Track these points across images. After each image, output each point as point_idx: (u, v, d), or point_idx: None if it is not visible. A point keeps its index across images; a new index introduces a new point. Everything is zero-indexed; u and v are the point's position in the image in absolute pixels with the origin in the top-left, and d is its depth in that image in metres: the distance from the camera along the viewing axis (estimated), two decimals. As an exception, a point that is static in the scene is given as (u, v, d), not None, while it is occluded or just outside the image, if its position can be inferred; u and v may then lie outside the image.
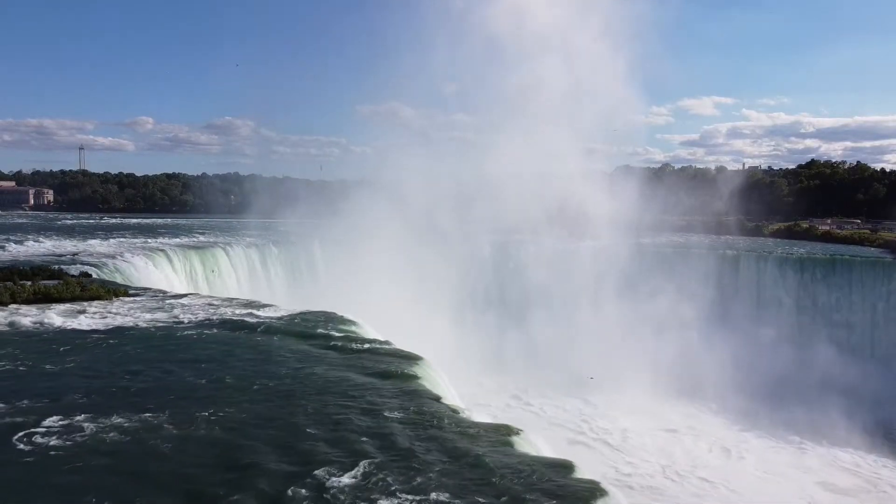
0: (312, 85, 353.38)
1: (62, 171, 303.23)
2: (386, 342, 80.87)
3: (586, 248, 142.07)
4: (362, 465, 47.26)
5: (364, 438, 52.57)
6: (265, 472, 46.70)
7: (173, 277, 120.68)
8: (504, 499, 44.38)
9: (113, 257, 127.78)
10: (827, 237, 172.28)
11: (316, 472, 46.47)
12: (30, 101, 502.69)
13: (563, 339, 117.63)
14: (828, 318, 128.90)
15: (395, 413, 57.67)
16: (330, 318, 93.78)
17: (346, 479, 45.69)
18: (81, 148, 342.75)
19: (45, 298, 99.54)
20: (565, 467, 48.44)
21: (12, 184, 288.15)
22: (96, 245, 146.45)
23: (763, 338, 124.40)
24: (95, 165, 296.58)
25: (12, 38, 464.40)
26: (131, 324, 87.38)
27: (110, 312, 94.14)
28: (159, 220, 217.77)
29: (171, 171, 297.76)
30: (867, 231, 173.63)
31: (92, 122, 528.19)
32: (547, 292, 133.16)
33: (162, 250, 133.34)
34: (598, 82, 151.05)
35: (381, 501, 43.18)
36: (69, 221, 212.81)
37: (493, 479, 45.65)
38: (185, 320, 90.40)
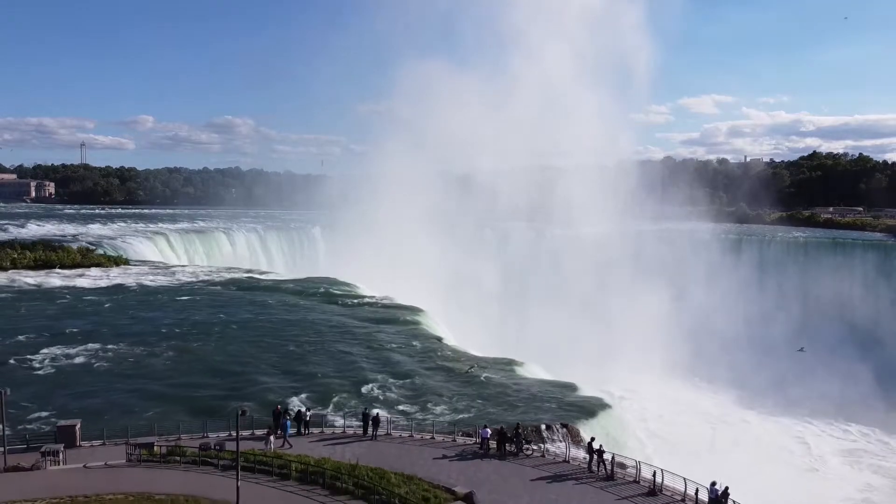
0: (312, 84, 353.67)
1: (63, 165, 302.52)
2: (386, 297, 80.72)
3: (586, 235, 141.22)
4: (370, 384, 47.00)
5: (369, 364, 52.28)
6: (267, 388, 46.48)
7: (172, 258, 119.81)
8: (518, 408, 44.29)
9: (113, 238, 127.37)
10: (829, 224, 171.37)
11: (320, 388, 46.24)
12: (29, 100, 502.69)
13: (563, 325, 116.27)
14: (829, 299, 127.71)
15: (399, 347, 57.46)
16: (330, 281, 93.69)
17: (355, 393, 45.46)
18: (83, 144, 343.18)
19: (45, 265, 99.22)
20: (569, 387, 48.19)
21: (14, 176, 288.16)
22: (97, 229, 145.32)
23: (764, 320, 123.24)
24: (96, 163, 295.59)
25: (11, 37, 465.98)
26: (133, 283, 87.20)
27: (111, 275, 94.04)
28: (160, 211, 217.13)
29: (172, 166, 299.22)
30: (869, 218, 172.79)
31: (92, 121, 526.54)
32: (546, 278, 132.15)
33: (162, 234, 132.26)
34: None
35: (398, 407, 43.02)
36: (70, 211, 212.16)
37: (504, 394, 45.48)
38: (186, 281, 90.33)
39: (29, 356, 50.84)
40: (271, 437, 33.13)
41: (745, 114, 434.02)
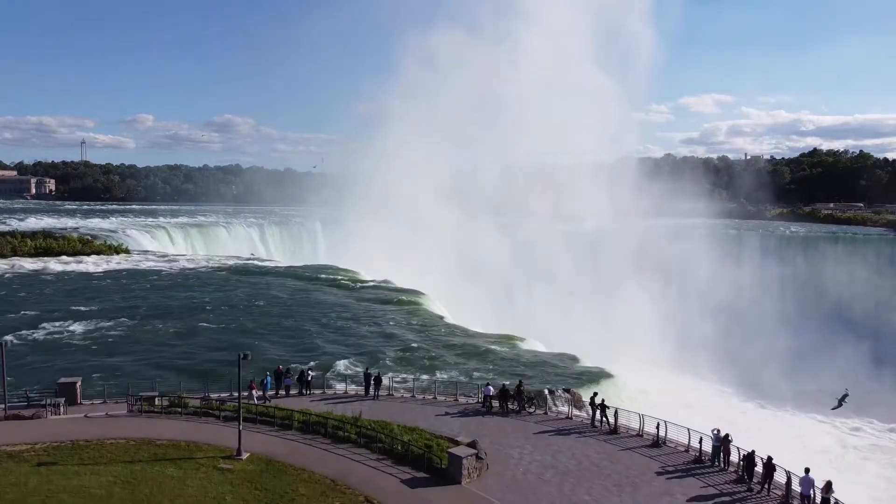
0: (313, 83, 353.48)
1: (64, 162, 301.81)
2: (387, 281, 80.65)
3: (588, 230, 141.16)
4: (373, 354, 46.87)
5: (371, 337, 52.21)
6: (270, 356, 46.25)
7: (172, 250, 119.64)
8: (520, 376, 44.05)
9: (114, 231, 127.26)
10: (830, 219, 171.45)
11: (323, 356, 46.09)
12: (29, 99, 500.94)
13: (562, 320, 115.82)
14: (830, 292, 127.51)
15: (402, 323, 57.34)
16: (331, 267, 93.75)
17: (357, 361, 45.32)
18: (83, 142, 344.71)
19: (45, 252, 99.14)
20: (572, 358, 48.07)
21: (14, 173, 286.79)
22: (97, 222, 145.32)
23: (764, 314, 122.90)
24: (96, 161, 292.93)
25: (11, 35, 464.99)
26: (134, 268, 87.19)
27: (112, 262, 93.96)
28: (161, 207, 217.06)
29: (172, 164, 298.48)
30: (870, 214, 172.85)
31: (92, 120, 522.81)
32: (547, 269, 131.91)
33: (162, 227, 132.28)
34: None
35: (400, 373, 42.78)
36: (71, 207, 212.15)
37: (506, 364, 45.37)
38: (188, 267, 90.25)
39: (30, 331, 50.84)
40: (254, 392, 33.04)
41: (745, 113, 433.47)
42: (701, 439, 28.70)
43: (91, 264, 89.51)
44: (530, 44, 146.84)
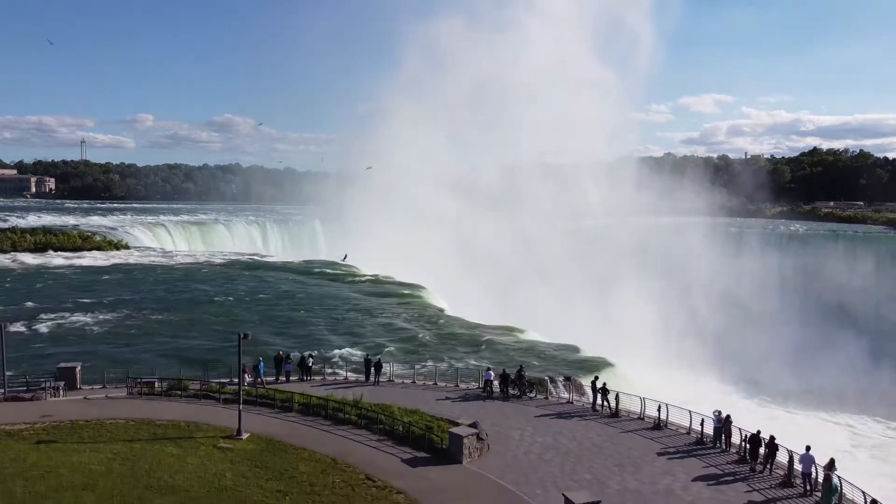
0: (312, 83, 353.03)
1: (64, 161, 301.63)
2: (388, 276, 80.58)
3: (588, 228, 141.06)
4: (374, 343, 46.79)
5: (372, 327, 52.10)
6: (272, 345, 46.11)
7: (171, 246, 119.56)
8: (528, 365, 43.91)
9: (113, 229, 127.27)
10: (830, 217, 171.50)
11: (324, 345, 46.02)
12: (29, 99, 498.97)
13: (563, 311, 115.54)
14: (829, 289, 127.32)
15: (403, 315, 57.19)
16: (331, 263, 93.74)
17: (358, 349, 45.26)
18: (83, 141, 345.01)
19: (46, 247, 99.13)
20: (573, 348, 47.97)
21: (14, 172, 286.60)
22: (97, 220, 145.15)
23: (764, 312, 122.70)
24: (96, 161, 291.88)
25: (10, 35, 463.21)
26: (134, 262, 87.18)
27: (112, 258, 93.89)
28: (161, 206, 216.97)
29: (172, 163, 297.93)
30: (870, 212, 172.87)
31: (92, 120, 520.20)
32: (548, 266, 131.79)
33: (162, 225, 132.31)
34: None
35: (401, 362, 42.58)
36: (71, 205, 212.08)
37: (507, 353, 45.26)
38: (188, 262, 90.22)
39: (33, 321, 50.86)
40: (247, 376, 32.97)
41: (745, 113, 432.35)
42: (703, 421, 28.65)
43: (92, 259, 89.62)
44: (531, 34, 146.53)
